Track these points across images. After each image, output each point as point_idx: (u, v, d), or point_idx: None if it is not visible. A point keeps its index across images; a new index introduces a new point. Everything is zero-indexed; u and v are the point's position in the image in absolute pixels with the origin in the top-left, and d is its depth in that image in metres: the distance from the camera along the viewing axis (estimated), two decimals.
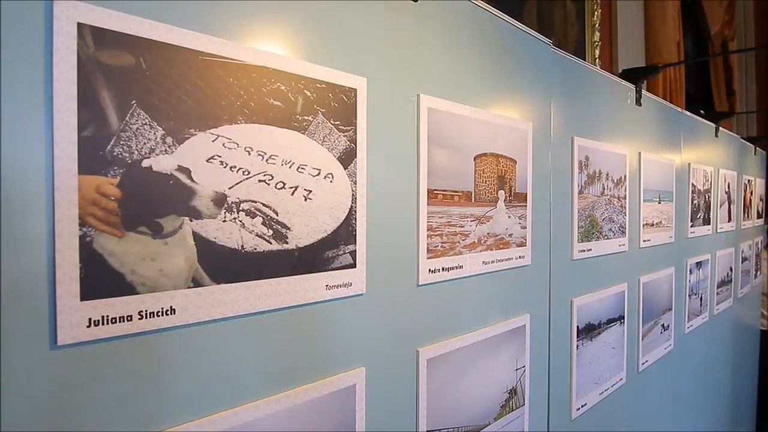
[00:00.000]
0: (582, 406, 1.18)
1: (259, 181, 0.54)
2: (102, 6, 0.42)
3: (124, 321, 0.44)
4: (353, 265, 0.64)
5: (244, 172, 0.52)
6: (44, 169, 0.40)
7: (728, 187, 2.31)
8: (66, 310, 0.41)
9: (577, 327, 1.15)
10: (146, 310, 0.45)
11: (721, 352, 2.28)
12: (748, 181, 2.68)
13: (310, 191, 0.59)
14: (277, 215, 0.55)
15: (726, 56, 3.96)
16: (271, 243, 0.55)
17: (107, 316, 0.43)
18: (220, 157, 0.50)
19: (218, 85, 0.50)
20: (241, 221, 0.52)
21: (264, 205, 0.54)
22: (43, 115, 0.40)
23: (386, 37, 0.69)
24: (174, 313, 0.47)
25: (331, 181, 0.61)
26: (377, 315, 0.68)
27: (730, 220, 2.33)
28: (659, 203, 1.58)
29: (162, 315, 0.46)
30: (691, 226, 1.86)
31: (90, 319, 0.42)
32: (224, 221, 0.51)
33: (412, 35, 0.73)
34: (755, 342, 3.00)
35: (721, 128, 2.20)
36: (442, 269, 0.78)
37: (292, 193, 0.57)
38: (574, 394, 1.15)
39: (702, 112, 2.08)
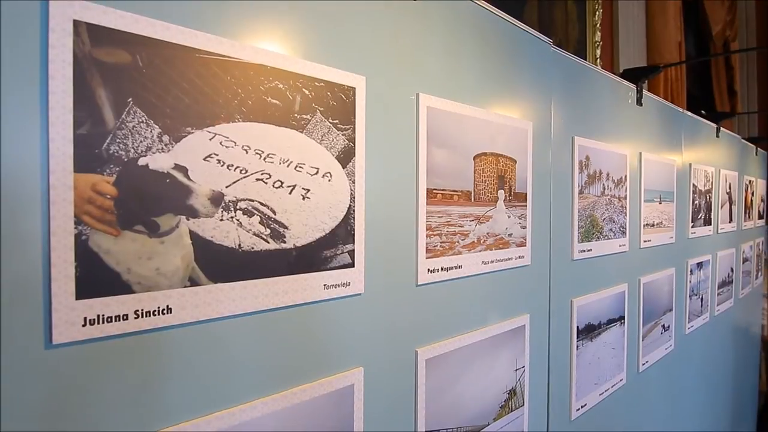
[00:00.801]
0: (582, 407, 1.18)
1: (257, 179, 0.53)
2: (98, 3, 0.42)
3: (119, 320, 0.44)
4: (351, 265, 0.63)
5: (241, 170, 0.52)
6: (40, 166, 0.40)
7: (729, 188, 2.31)
8: (61, 309, 0.40)
9: (577, 327, 1.15)
10: (142, 309, 0.45)
11: (722, 353, 2.28)
12: (749, 181, 2.67)
13: (308, 190, 0.58)
14: (275, 214, 0.55)
15: (727, 56, 3.95)
16: (268, 242, 0.54)
17: (103, 315, 0.43)
18: (217, 155, 0.50)
19: (215, 83, 0.50)
20: (238, 220, 0.52)
21: (261, 203, 0.54)
22: (39, 112, 0.40)
23: (386, 36, 0.69)
24: (170, 312, 0.47)
25: (329, 180, 0.61)
26: (376, 315, 0.68)
27: (731, 220, 2.32)
28: (660, 203, 1.57)
29: (158, 314, 0.46)
30: (692, 227, 1.85)
31: (85, 318, 0.42)
32: (221, 220, 0.50)
33: (411, 33, 0.72)
34: (756, 343, 3.00)
35: (722, 129, 2.19)
36: (441, 269, 0.77)
37: (290, 192, 0.56)
38: (573, 394, 1.15)
39: (703, 112, 2.08)
